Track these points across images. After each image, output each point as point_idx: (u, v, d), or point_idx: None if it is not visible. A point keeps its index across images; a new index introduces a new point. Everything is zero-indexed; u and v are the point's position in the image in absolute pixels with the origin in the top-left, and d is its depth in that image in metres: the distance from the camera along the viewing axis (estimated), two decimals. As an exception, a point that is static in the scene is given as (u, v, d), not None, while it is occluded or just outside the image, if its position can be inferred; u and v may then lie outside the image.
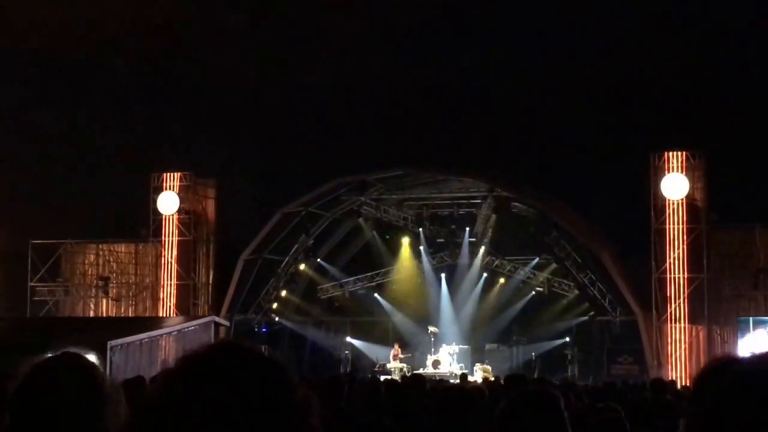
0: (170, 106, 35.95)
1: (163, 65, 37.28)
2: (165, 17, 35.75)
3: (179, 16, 36.28)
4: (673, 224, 30.98)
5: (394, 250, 37.14)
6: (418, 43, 37.90)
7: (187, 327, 28.32)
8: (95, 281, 35.20)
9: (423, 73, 37.85)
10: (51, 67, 36.61)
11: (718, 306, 30.60)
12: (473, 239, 35.55)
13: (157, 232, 34.74)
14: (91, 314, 34.77)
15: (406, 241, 36.91)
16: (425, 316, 35.85)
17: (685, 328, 30.62)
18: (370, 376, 25.56)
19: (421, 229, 35.94)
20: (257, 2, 38.43)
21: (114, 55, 36.85)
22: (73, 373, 2.81)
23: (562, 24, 37.37)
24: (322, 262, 37.40)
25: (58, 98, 35.82)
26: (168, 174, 34.71)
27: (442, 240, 36.18)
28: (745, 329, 29.50)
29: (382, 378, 17.68)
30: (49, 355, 2.91)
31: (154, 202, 34.56)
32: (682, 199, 30.93)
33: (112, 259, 35.73)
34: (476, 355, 33.75)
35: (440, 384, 15.69)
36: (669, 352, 30.32)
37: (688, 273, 30.66)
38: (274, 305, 36.68)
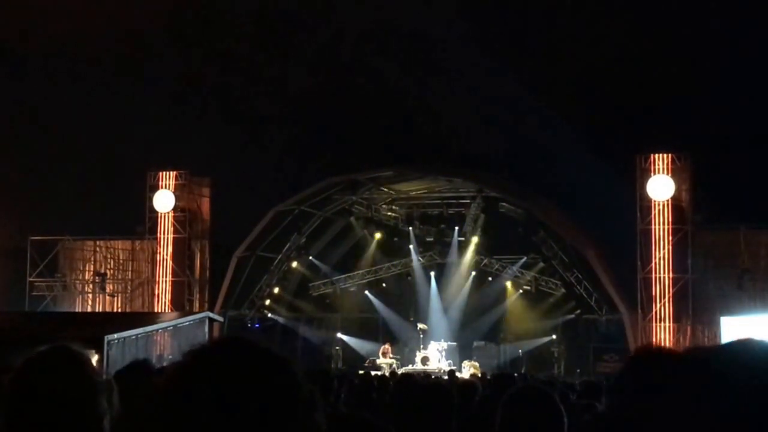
0: (166, 105, 36.19)
1: (160, 64, 37.51)
2: (162, 15, 35.99)
3: (176, 14, 36.54)
4: (659, 225, 31.17)
5: (385, 248, 37.49)
6: (410, 42, 38.16)
7: (182, 322, 28.37)
8: (92, 277, 35.49)
9: (413, 74, 38.15)
10: (49, 65, 36.87)
11: (702, 306, 30.84)
12: (462, 238, 35.76)
13: (153, 229, 35.08)
14: (89, 309, 34.96)
15: (396, 239, 37.32)
16: (415, 313, 36.28)
17: (670, 327, 30.80)
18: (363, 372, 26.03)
19: (411, 228, 36.24)
20: (255, 2, 38.72)
21: (111, 53, 37.04)
22: (65, 365, 2.85)
23: (548, 24, 37.68)
24: (314, 260, 37.62)
25: (57, 97, 36.04)
26: (164, 173, 35.08)
27: (431, 239, 36.33)
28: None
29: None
30: (41, 348, 2.94)
31: (151, 200, 34.91)
32: (667, 201, 31.10)
33: (109, 256, 35.95)
34: (464, 352, 33.86)
35: (427, 380, 16.29)
36: (654, 351, 30.56)
37: (673, 273, 30.84)
38: (267, 301, 36.95)
